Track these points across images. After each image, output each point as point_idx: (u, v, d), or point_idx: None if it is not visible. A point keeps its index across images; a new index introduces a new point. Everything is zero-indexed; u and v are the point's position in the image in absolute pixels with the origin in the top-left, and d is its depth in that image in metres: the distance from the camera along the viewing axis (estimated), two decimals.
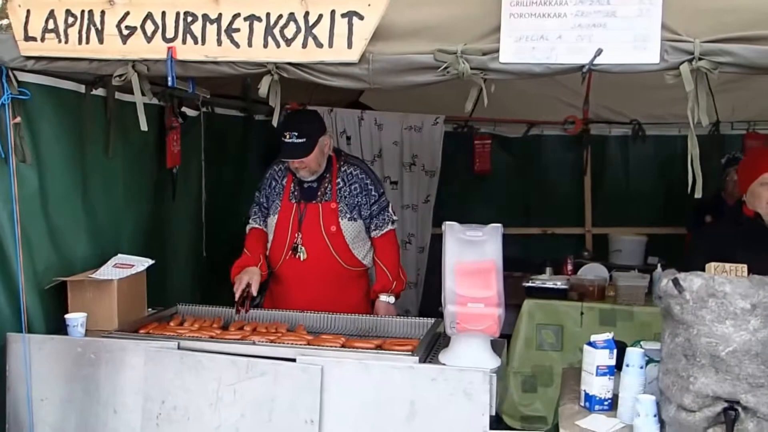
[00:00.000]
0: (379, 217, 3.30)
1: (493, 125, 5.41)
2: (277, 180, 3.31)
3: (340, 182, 3.24)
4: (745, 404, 2.05)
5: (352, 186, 3.25)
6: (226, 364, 2.53)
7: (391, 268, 3.33)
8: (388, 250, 3.35)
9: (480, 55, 2.25)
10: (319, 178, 3.22)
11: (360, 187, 3.25)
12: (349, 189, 3.24)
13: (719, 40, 2.08)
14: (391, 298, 3.32)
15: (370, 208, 3.27)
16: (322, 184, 3.23)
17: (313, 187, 3.23)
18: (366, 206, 3.26)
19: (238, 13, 2.39)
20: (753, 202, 2.95)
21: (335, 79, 2.38)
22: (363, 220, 3.27)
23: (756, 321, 2.03)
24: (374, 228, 3.31)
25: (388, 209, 3.34)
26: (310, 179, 3.21)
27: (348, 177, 3.26)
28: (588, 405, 2.46)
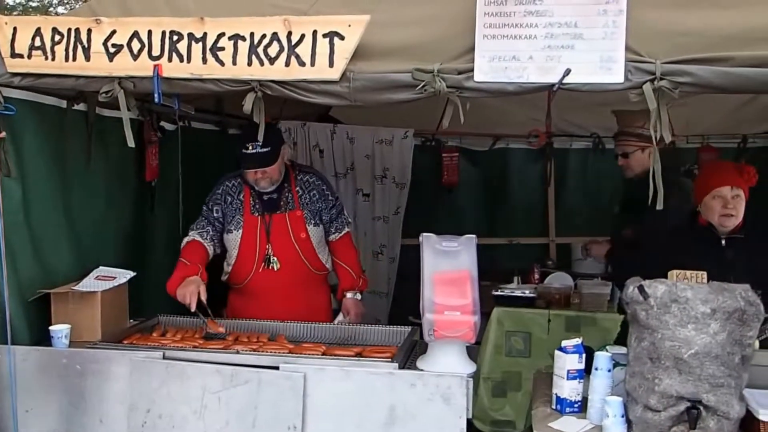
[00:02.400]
0: (338, 221, 3.43)
1: (460, 139, 5.54)
2: (232, 195, 3.32)
3: (299, 190, 3.33)
4: (707, 403, 2.18)
5: (311, 193, 3.35)
6: (210, 372, 2.59)
7: (354, 268, 3.46)
8: (348, 251, 3.47)
9: (455, 74, 2.36)
10: (279, 189, 3.28)
11: (318, 194, 3.36)
12: (308, 196, 3.34)
13: (679, 61, 2.23)
14: (358, 295, 3.44)
15: (329, 213, 3.39)
16: (282, 194, 3.30)
17: (273, 198, 3.29)
18: (326, 211, 3.37)
19: (223, 32, 2.47)
20: (706, 213, 3.14)
21: (317, 97, 2.47)
22: (324, 224, 3.38)
23: (716, 324, 2.16)
24: (334, 231, 3.42)
25: (343, 212, 3.48)
26: (269, 190, 3.26)
27: (306, 185, 3.35)
28: (559, 407, 2.57)
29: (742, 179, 3.10)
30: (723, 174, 3.15)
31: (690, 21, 2.28)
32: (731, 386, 2.18)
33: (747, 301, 2.17)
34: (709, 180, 3.17)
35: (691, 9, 2.30)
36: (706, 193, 3.12)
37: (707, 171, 3.35)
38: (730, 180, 3.09)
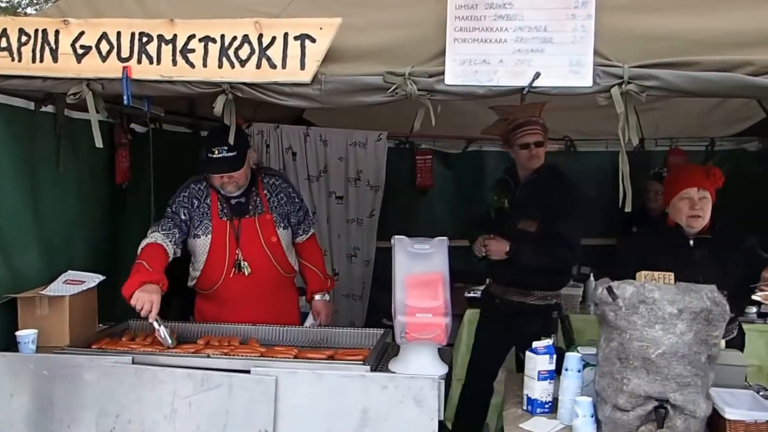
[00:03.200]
0: (305, 222, 3.44)
1: (434, 141, 5.56)
2: (199, 199, 3.27)
3: (267, 193, 3.32)
4: (674, 402, 2.22)
5: (279, 196, 3.34)
6: (181, 377, 2.57)
7: (321, 269, 3.47)
8: (314, 252, 3.50)
9: (427, 77, 2.37)
10: (246, 193, 3.26)
11: (286, 196, 3.36)
12: (276, 199, 3.33)
13: (646, 65, 2.26)
14: (326, 296, 3.45)
15: (297, 215, 3.39)
16: (250, 198, 3.27)
17: (241, 202, 3.26)
18: (294, 213, 3.38)
19: (193, 34, 2.45)
20: (674, 214, 3.20)
21: (289, 99, 2.47)
22: (291, 227, 3.39)
23: (682, 325, 2.20)
24: (301, 233, 3.43)
25: (309, 213, 3.51)
26: (236, 194, 3.24)
27: (273, 188, 3.34)
28: (530, 408, 2.60)
29: (708, 181, 3.17)
30: (690, 176, 3.21)
31: (657, 26, 2.31)
32: (698, 385, 2.22)
33: (713, 301, 2.21)
34: (677, 182, 3.23)
35: (657, 14, 2.33)
36: (674, 194, 3.18)
37: (675, 173, 3.41)
38: (697, 182, 3.15)
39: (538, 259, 3.49)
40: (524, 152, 3.57)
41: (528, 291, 3.63)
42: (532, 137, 3.56)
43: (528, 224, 3.53)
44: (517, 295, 3.63)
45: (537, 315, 3.60)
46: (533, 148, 3.56)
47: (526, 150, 3.57)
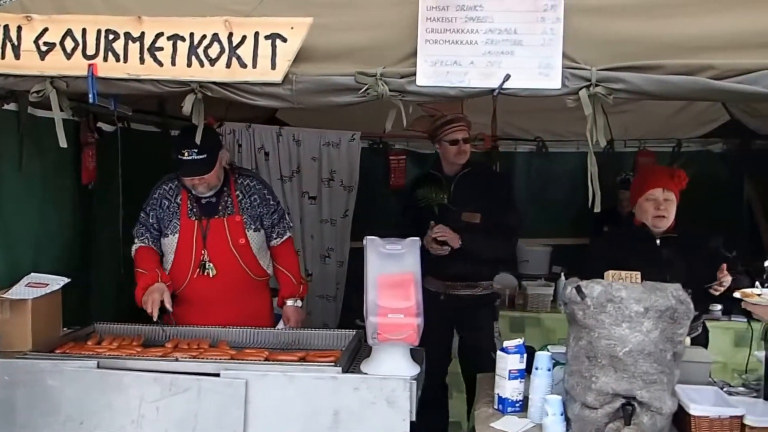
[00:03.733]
0: (279, 225, 3.39)
1: (407, 142, 5.57)
2: (169, 199, 3.25)
3: (239, 194, 3.28)
4: (641, 399, 2.25)
5: (252, 197, 3.30)
6: (148, 381, 2.53)
7: (295, 274, 3.42)
8: (289, 257, 3.44)
9: (398, 78, 2.37)
10: (218, 193, 3.23)
11: (259, 198, 3.32)
12: (249, 201, 3.29)
13: (613, 68, 2.28)
14: (298, 302, 3.41)
15: (270, 218, 3.35)
16: (221, 199, 3.24)
17: (212, 202, 3.23)
18: (267, 216, 3.33)
19: (162, 32, 2.42)
20: (640, 214, 3.28)
21: (259, 99, 2.45)
22: (264, 229, 3.34)
23: (648, 323, 2.24)
24: (276, 236, 3.38)
25: (285, 217, 3.44)
26: (208, 195, 3.21)
27: (246, 189, 3.31)
28: (501, 407, 2.61)
29: (673, 183, 3.25)
30: (655, 178, 3.29)
31: (624, 30, 2.34)
32: (663, 382, 2.25)
33: (678, 299, 2.25)
34: (642, 183, 3.31)
35: (625, 18, 2.36)
36: (640, 195, 3.26)
37: (641, 175, 3.49)
38: (662, 183, 3.23)
39: (489, 247, 3.64)
40: (453, 148, 3.72)
41: (476, 283, 3.77)
42: (460, 134, 3.73)
43: (472, 216, 3.67)
44: (465, 288, 3.75)
45: (485, 306, 3.81)
46: (462, 144, 3.73)
47: (455, 146, 3.72)
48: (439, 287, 3.76)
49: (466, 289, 3.75)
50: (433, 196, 3.68)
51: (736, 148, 5.42)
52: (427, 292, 3.72)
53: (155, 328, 3.07)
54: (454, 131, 3.71)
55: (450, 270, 3.68)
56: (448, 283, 3.73)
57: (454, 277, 3.71)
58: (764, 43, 2.26)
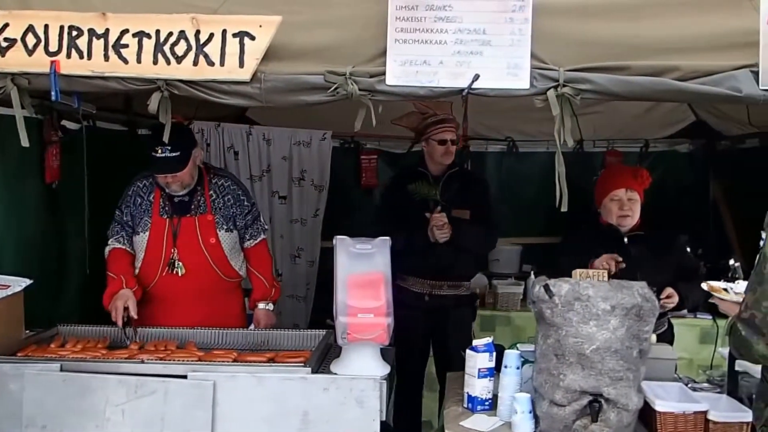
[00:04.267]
0: (253, 227, 3.36)
1: (379, 141, 5.56)
2: (142, 196, 3.24)
3: (212, 194, 3.26)
4: (607, 396, 2.28)
5: (226, 197, 3.28)
6: (113, 384, 2.49)
7: (267, 277, 3.40)
8: (263, 259, 3.42)
9: (368, 77, 2.36)
10: (191, 191, 3.22)
11: (233, 198, 3.30)
12: (222, 200, 3.27)
13: (581, 69, 2.30)
14: (270, 305, 3.39)
15: (244, 219, 3.33)
16: (194, 197, 3.23)
17: (185, 200, 3.21)
18: (240, 216, 3.31)
19: (127, 28, 2.38)
20: (605, 214, 3.34)
21: (228, 98, 2.42)
22: (238, 230, 3.32)
23: (615, 320, 2.26)
24: (249, 238, 3.36)
25: (260, 218, 3.43)
26: (181, 193, 3.19)
27: (220, 189, 3.29)
28: (471, 406, 2.62)
29: (636, 182, 3.31)
30: (619, 178, 3.35)
31: (591, 31, 2.36)
32: (630, 379, 2.28)
33: (643, 297, 2.28)
34: (606, 184, 3.36)
35: (592, 20, 2.38)
36: (604, 196, 3.32)
37: (605, 175, 3.55)
38: (626, 183, 3.29)
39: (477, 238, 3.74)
40: (441, 148, 3.76)
41: (459, 283, 3.81)
42: (449, 134, 3.77)
43: (461, 213, 3.72)
44: (449, 288, 3.78)
45: (465, 306, 3.87)
46: (449, 145, 3.77)
47: (443, 146, 3.75)
48: (424, 287, 3.78)
49: (450, 290, 3.79)
50: (426, 191, 3.70)
51: (702, 149, 5.52)
52: (411, 293, 3.77)
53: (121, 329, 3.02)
54: (443, 131, 3.74)
55: (435, 269, 3.71)
56: (433, 283, 3.76)
57: (438, 276, 3.74)
58: (728, 45, 2.30)
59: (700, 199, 5.55)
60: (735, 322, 1.93)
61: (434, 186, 3.71)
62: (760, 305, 1.84)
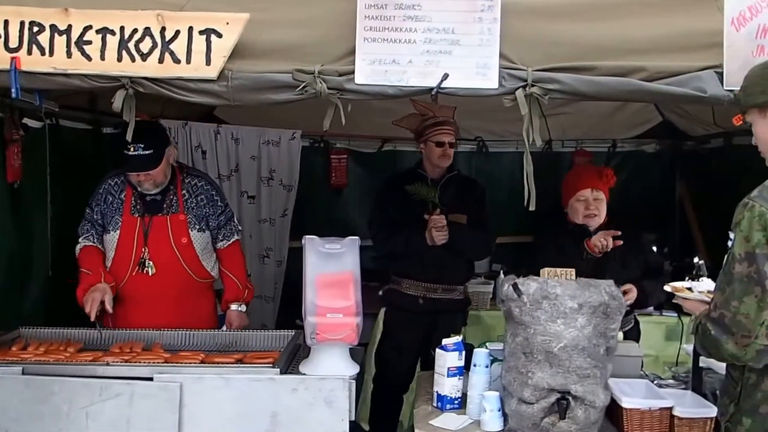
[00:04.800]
0: (226, 227, 3.34)
1: (349, 141, 5.55)
2: (113, 194, 3.20)
3: (185, 194, 3.23)
4: (575, 394, 2.29)
5: (199, 197, 3.25)
6: (77, 387, 2.45)
7: (240, 278, 3.37)
8: (235, 260, 3.39)
9: (336, 76, 2.35)
10: (164, 191, 3.18)
11: (206, 198, 3.27)
12: (195, 200, 3.25)
13: (549, 69, 2.32)
14: (242, 306, 3.35)
15: (217, 219, 3.30)
16: (166, 197, 3.19)
17: (157, 199, 3.18)
18: (213, 217, 3.28)
19: (90, 25, 2.34)
20: (572, 214, 3.39)
21: (194, 96, 2.39)
22: (210, 231, 3.29)
23: (582, 319, 2.28)
24: (221, 238, 3.33)
25: (233, 219, 3.40)
26: (153, 192, 3.16)
27: (193, 188, 3.26)
28: (440, 405, 2.63)
29: (602, 182, 3.37)
30: (584, 178, 3.40)
31: (559, 32, 2.38)
32: (597, 376, 2.30)
33: (610, 295, 2.30)
34: (572, 184, 3.41)
35: (560, 20, 2.40)
36: (570, 196, 3.37)
37: (570, 176, 3.59)
38: (591, 183, 3.34)
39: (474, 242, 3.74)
40: (438, 150, 3.71)
41: (453, 287, 3.79)
42: (447, 137, 3.72)
43: (458, 217, 3.69)
44: (443, 292, 3.76)
45: (459, 311, 3.87)
46: (447, 148, 3.73)
47: (440, 148, 3.71)
48: (418, 290, 3.76)
49: (444, 293, 3.76)
50: (424, 193, 3.66)
51: (668, 149, 5.61)
52: (405, 295, 3.76)
53: (86, 331, 2.97)
54: (441, 133, 3.71)
55: (430, 273, 3.69)
56: (428, 286, 3.73)
57: (433, 279, 3.72)
58: (693, 46, 2.34)
59: (666, 198, 5.64)
60: (704, 321, 1.95)
61: (433, 188, 3.68)
62: (729, 305, 1.86)
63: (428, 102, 3.21)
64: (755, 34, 2.29)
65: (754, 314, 1.83)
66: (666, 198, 5.64)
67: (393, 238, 3.69)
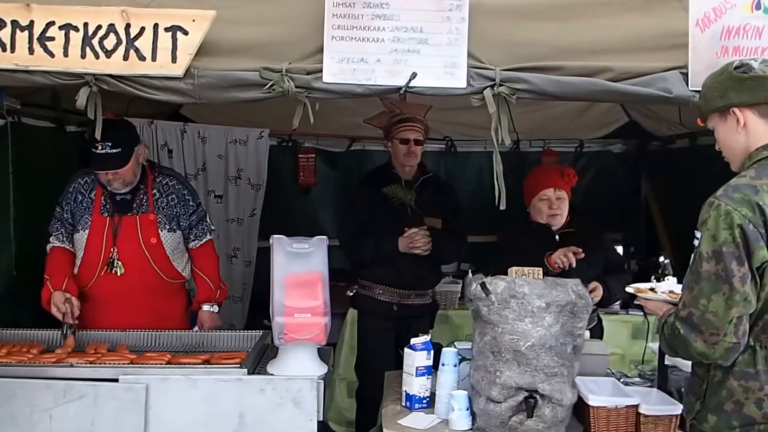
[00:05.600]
0: (198, 227, 3.30)
1: (317, 140, 5.53)
2: (83, 193, 3.16)
3: (156, 193, 3.19)
4: (542, 392, 2.31)
5: (170, 197, 3.22)
6: (40, 388, 2.40)
7: (213, 278, 3.33)
8: (208, 260, 3.35)
9: (304, 74, 2.34)
10: (134, 190, 3.15)
11: (177, 198, 3.23)
12: (166, 200, 3.21)
13: (516, 68, 2.33)
14: (215, 307, 3.32)
15: (189, 219, 3.26)
16: (137, 196, 3.16)
17: (127, 199, 3.14)
18: (185, 216, 3.25)
19: (53, 21, 2.29)
20: (535, 214, 3.42)
21: (160, 93, 2.35)
22: (182, 230, 3.25)
23: (550, 317, 2.30)
24: (194, 238, 3.30)
25: (206, 219, 3.36)
26: (123, 191, 3.12)
27: (164, 188, 3.22)
28: (408, 404, 2.63)
29: (564, 181, 3.41)
30: (547, 178, 3.44)
31: (527, 32, 2.39)
32: (564, 375, 2.32)
33: (577, 294, 2.33)
34: (535, 184, 3.44)
35: (527, 21, 2.41)
36: (533, 195, 3.40)
37: (533, 176, 3.62)
38: (553, 183, 3.38)
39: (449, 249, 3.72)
40: (403, 147, 3.63)
41: (425, 291, 3.77)
42: (412, 134, 3.64)
43: (434, 221, 3.64)
44: (416, 297, 3.73)
45: (429, 315, 3.84)
46: (412, 145, 3.63)
47: (405, 145, 3.63)
48: (393, 297, 3.69)
49: (418, 299, 3.73)
50: (401, 195, 3.58)
51: (635, 149, 5.69)
52: (378, 302, 3.69)
53: (51, 333, 2.92)
54: (406, 130, 3.62)
55: (404, 279, 3.64)
56: (402, 292, 3.68)
57: (408, 285, 3.66)
58: (658, 46, 2.36)
59: (632, 198, 5.73)
60: (672, 320, 1.96)
61: (409, 191, 3.61)
62: (697, 303, 1.88)
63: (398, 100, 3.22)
64: (720, 36, 2.32)
65: (722, 312, 1.85)
66: (632, 198, 5.73)
67: (361, 245, 3.62)
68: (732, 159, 2.08)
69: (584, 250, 3.28)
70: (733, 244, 1.84)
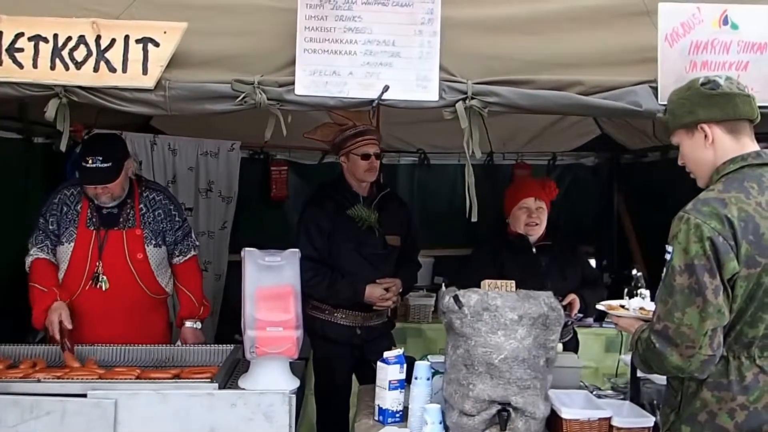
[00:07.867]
0: (183, 243, 3.28)
1: (289, 152, 5.51)
2: (69, 205, 3.12)
3: (143, 208, 3.17)
4: (515, 405, 2.32)
5: (156, 212, 3.19)
6: (6, 405, 2.35)
7: (197, 294, 3.30)
8: (192, 276, 3.32)
9: (276, 86, 2.33)
10: (120, 204, 3.11)
11: (164, 213, 3.21)
12: (153, 215, 3.18)
13: (488, 82, 2.35)
14: (197, 323, 3.28)
15: (174, 234, 3.23)
16: (123, 210, 3.12)
17: (113, 213, 3.11)
18: (171, 232, 3.22)
19: (22, 32, 2.27)
20: (514, 223, 3.44)
21: (131, 105, 2.34)
22: (167, 246, 3.22)
23: (522, 330, 2.31)
24: (178, 254, 3.27)
25: (191, 235, 3.34)
26: (110, 205, 3.09)
27: (151, 203, 3.20)
28: (381, 418, 2.61)
29: (544, 192, 3.44)
30: (528, 188, 3.47)
31: (498, 46, 2.41)
32: (537, 388, 2.33)
33: (549, 306, 2.34)
34: (515, 194, 3.47)
35: (499, 34, 2.43)
36: (513, 205, 3.43)
37: (514, 186, 3.68)
38: (534, 193, 3.41)
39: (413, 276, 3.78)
40: (364, 163, 3.43)
41: (382, 312, 3.62)
42: (372, 147, 3.45)
43: (394, 239, 3.55)
44: (377, 318, 3.59)
45: (388, 332, 3.72)
46: (373, 160, 3.45)
47: (366, 161, 3.43)
48: (356, 320, 3.50)
49: (378, 319, 3.59)
50: (365, 216, 3.40)
51: (607, 162, 5.75)
52: (340, 327, 3.49)
53: (16, 347, 2.87)
54: (365, 144, 3.41)
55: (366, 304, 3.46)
56: (365, 315, 3.51)
57: (369, 307, 3.48)
58: (628, 60, 2.40)
59: (604, 211, 5.77)
60: (646, 335, 1.97)
61: (372, 211, 3.44)
62: (672, 316, 1.89)
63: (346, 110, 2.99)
64: (688, 50, 2.36)
65: (697, 325, 1.86)
66: (605, 210, 5.77)
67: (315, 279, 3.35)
68: (699, 174, 2.11)
69: (559, 264, 3.30)
70: (704, 257, 1.87)
